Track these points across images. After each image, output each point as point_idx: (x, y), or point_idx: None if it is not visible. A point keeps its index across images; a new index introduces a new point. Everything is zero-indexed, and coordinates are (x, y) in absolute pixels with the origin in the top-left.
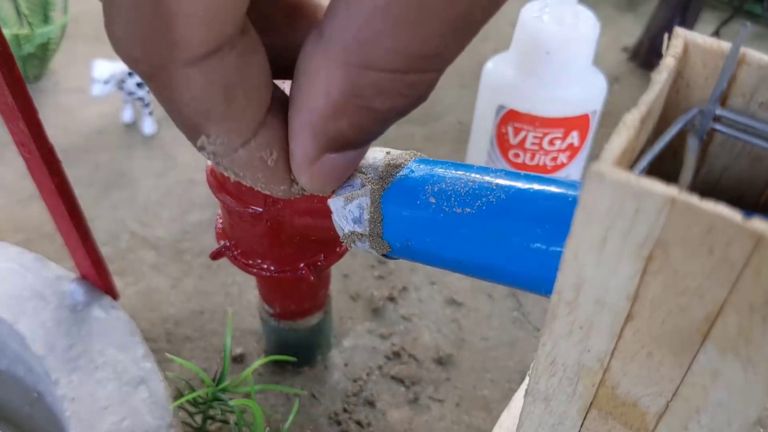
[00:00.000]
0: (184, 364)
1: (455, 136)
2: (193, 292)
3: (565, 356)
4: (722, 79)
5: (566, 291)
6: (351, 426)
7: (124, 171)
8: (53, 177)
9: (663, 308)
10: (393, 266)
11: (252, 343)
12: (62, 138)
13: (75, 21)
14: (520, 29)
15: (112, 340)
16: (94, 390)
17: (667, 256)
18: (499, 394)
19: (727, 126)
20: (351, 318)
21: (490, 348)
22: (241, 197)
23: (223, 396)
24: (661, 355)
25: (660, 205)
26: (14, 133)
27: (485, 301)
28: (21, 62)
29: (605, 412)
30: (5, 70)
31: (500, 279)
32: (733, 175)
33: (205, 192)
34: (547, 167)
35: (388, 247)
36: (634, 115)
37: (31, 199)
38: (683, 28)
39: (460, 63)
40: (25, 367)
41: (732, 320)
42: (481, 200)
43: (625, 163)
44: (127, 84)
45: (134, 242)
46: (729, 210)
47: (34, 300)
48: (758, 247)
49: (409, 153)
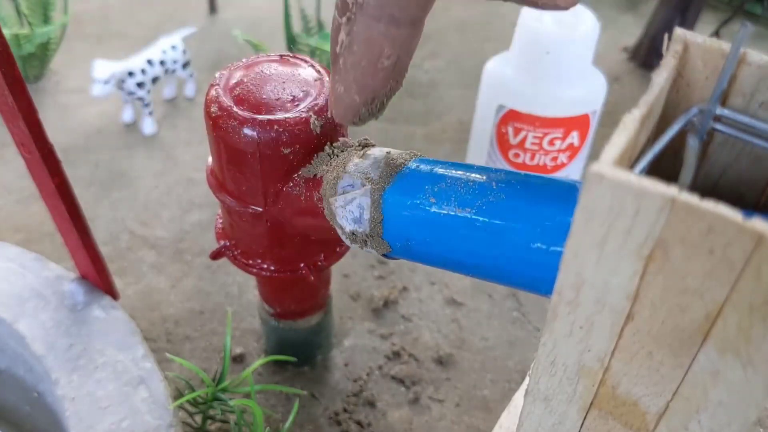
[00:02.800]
0: (184, 364)
1: (455, 136)
2: (193, 291)
3: (566, 356)
4: (722, 78)
5: (567, 291)
6: (351, 426)
7: (124, 171)
8: (53, 177)
9: (663, 308)
10: (393, 266)
11: (252, 343)
12: (62, 138)
13: (75, 21)
14: (520, 29)
15: (112, 340)
16: (94, 390)
17: (667, 256)
18: (499, 394)
19: (728, 126)
20: (351, 318)
21: (490, 348)
22: (241, 197)
23: (223, 396)
24: (661, 355)
25: (660, 205)
26: (14, 133)
27: (485, 301)
28: (21, 62)
29: (605, 412)
30: (5, 70)
31: (500, 279)
32: (733, 175)
33: (205, 192)
34: (547, 167)
35: (388, 247)
36: (634, 115)
37: (31, 199)
38: (683, 29)
39: (460, 63)
40: (25, 366)
41: (732, 320)
42: (481, 200)
43: (625, 163)
44: (127, 84)
45: (134, 242)
46: (729, 210)
47: (34, 300)
48: (758, 247)
49: (409, 153)
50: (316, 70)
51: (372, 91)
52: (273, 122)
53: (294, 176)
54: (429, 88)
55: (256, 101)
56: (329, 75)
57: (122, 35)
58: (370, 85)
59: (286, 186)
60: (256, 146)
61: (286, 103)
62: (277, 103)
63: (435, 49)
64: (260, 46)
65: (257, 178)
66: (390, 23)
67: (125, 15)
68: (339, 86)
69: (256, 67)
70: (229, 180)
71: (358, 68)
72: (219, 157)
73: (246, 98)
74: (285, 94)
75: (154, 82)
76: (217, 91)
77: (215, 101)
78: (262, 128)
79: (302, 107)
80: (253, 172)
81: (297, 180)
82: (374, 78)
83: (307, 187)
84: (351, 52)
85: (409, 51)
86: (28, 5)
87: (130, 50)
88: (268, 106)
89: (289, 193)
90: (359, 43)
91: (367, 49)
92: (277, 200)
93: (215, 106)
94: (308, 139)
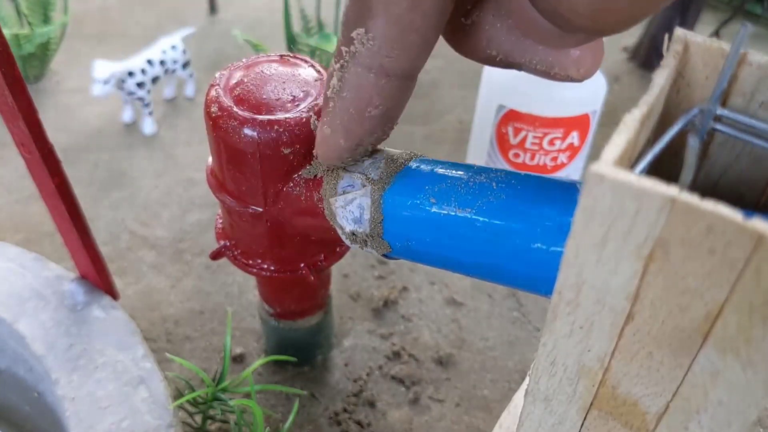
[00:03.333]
0: (184, 364)
1: (455, 136)
2: (192, 291)
3: (566, 356)
4: (723, 78)
5: (567, 291)
6: (351, 426)
7: (124, 171)
8: (53, 177)
9: (663, 308)
10: (393, 266)
11: (252, 343)
12: (62, 138)
13: (75, 21)
14: None
15: (112, 340)
16: (94, 390)
17: (667, 256)
18: (499, 394)
19: (728, 126)
20: (351, 318)
21: (490, 348)
22: (241, 197)
23: (223, 396)
24: (662, 356)
25: (660, 205)
26: (14, 133)
27: (485, 301)
28: (21, 62)
29: (605, 412)
30: (5, 70)
31: (500, 279)
32: (733, 175)
33: (205, 192)
34: (547, 167)
35: (388, 247)
36: (634, 115)
37: (31, 198)
38: (683, 29)
39: (460, 63)
40: (25, 366)
41: (732, 320)
42: (481, 200)
43: (625, 163)
44: (127, 84)
45: (134, 242)
46: (729, 210)
47: (33, 300)
48: (758, 247)
49: (409, 153)
50: (316, 70)
51: (358, 137)
52: (273, 122)
53: (294, 176)
54: (429, 88)
55: (256, 101)
56: None
57: (122, 35)
58: (357, 132)
59: (286, 186)
60: (256, 146)
61: (286, 104)
62: (277, 103)
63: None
64: (260, 46)
65: (257, 178)
66: (380, 74)
67: (125, 15)
68: (327, 128)
69: (256, 67)
70: (229, 180)
71: (345, 114)
72: (219, 157)
73: (246, 98)
74: (285, 94)
75: (154, 82)
76: (217, 91)
77: (215, 101)
78: (262, 128)
79: (302, 107)
80: (253, 172)
81: (297, 180)
82: (361, 126)
83: (307, 187)
84: (341, 98)
85: (398, 103)
86: (28, 5)
87: (130, 50)
88: (268, 107)
89: (289, 194)
90: (349, 90)
91: (355, 97)
92: (277, 200)
93: (215, 106)
94: (308, 139)
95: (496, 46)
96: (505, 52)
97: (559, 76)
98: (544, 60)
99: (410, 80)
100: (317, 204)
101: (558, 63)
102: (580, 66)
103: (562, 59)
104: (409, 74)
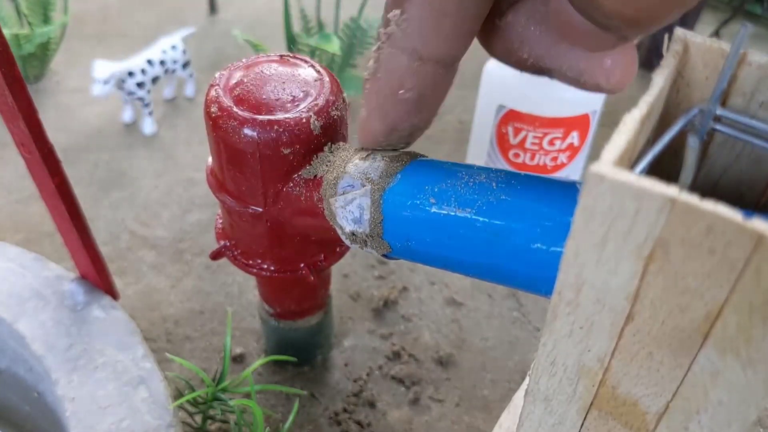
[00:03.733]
0: (184, 364)
1: (455, 136)
2: (192, 291)
3: (566, 356)
4: (723, 78)
5: (567, 291)
6: (351, 426)
7: (124, 171)
8: (53, 177)
9: (663, 308)
10: (393, 266)
11: (252, 343)
12: (62, 138)
13: (75, 21)
14: None
15: (112, 340)
16: (94, 390)
17: (667, 256)
18: (499, 394)
19: (728, 126)
20: (351, 318)
21: (490, 348)
22: (241, 197)
23: (223, 396)
24: (661, 355)
25: (660, 205)
26: (14, 133)
27: (485, 301)
28: (21, 62)
29: (605, 413)
30: (5, 70)
31: (500, 279)
32: (733, 175)
33: (204, 192)
34: (547, 167)
35: (388, 248)
36: (634, 115)
37: (31, 198)
38: (683, 28)
39: (460, 63)
40: (25, 366)
41: (732, 320)
42: (481, 200)
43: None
44: (127, 84)
45: (134, 242)
46: (729, 210)
47: (33, 300)
48: (758, 247)
49: (409, 153)
50: (316, 70)
51: (392, 121)
52: (273, 122)
53: (294, 176)
54: None
55: (256, 101)
56: (329, 75)
57: (122, 35)
58: (391, 114)
59: (286, 186)
60: (256, 146)
61: (286, 104)
62: (277, 104)
63: None
64: (260, 46)
65: (257, 179)
66: (413, 56)
67: (125, 15)
68: (363, 110)
69: (256, 67)
70: (229, 180)
71: (381, 95)
72: (219, 157)
73: (246, 98)
74: (285, 95)
75: (154, 82)
76: (217, 92)
77: (215, 101)
78: (262, 128)
79: (302, 107)
80: (253, 173)
81: (297, 180)
82: (395, 108)
83: (307, 187)
84: (375, 79)
85: (434, 91)
86: (28, 5)
87: (130, 50)
88: (268, 107)
89: (289, 194)
90: (383, 71)
91: (389, 78)
92: (277, 200)
93: (215, 107)
94: (308, 139)
95: (528, 49)
96: (537, 56)
97: (588, 85)
98: (574, 66)
99: (445, 68)
100: (317, 204)
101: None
102: (611, 77)
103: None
104: (443, 61)
